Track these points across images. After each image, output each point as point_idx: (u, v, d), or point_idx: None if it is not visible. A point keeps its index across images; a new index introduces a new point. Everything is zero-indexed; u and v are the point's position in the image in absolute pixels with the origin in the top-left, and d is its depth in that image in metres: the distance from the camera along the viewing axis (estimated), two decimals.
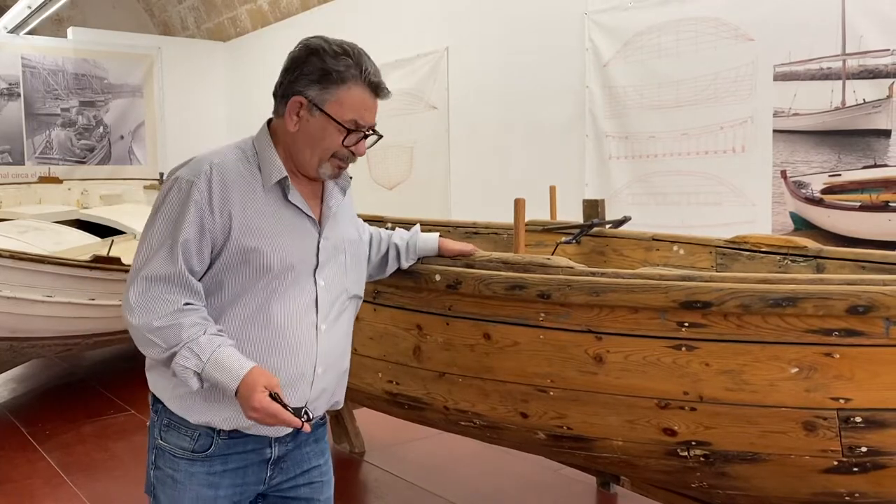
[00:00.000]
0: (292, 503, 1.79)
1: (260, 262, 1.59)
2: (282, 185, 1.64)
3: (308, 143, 1.64)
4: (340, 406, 1.87)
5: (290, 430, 1.68)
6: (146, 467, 1.72)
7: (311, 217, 1.68)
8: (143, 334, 1.55)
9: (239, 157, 1.64)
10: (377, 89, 1.65)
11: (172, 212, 1.57)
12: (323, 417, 1.83)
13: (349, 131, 1.63)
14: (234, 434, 1.65)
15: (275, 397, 1.51)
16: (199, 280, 1.60)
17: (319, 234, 1.69)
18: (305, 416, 1.55)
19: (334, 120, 1.61)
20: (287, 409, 1.51)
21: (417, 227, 2.24)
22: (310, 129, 1.63)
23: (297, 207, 1.66)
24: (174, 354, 1.53)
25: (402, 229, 2.23)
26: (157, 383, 1.68)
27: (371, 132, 1.69)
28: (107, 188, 8.37)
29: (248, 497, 1.73)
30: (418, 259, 2.22)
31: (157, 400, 1.68)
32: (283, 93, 1.64)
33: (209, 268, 1.60)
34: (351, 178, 1.79)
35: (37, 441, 4.31)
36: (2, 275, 4.23)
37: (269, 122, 1.71)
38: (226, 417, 1.61)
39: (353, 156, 1.68)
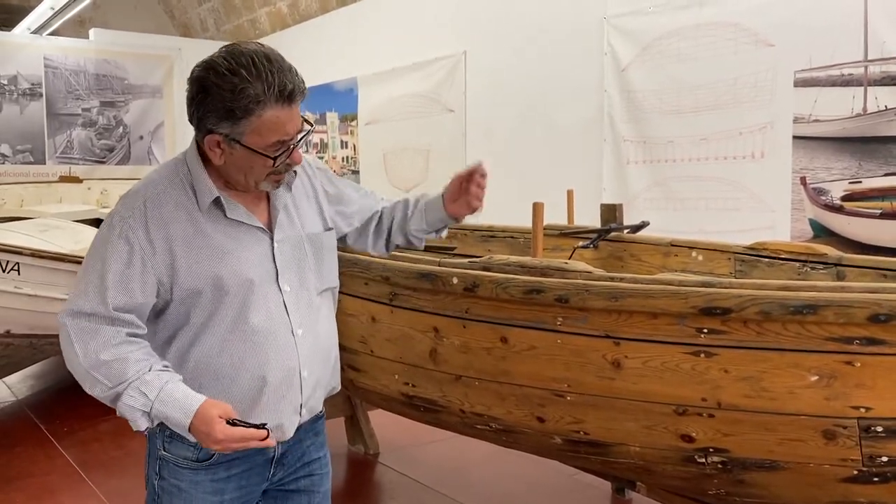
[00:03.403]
0: (292, 496, 1.78)
1: (217, 285, 1.57)
2: (217, 204, 1.60)
3: (240, 171, 1.58)
4: (338, 389, 1.86)
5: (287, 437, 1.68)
6: (146, 478, 1.71)
7: (257, 227, 1.64)
8: (85, 371, 1.52)
9: (173, 183, 1.60)
10: (290, 97, 1.52)
11: (107, 250, 1.55)
12: (321, 410, 1.82)
13: (276, 156, 1.55)
14: None
15: (233, 423, 1.50)
16: (160, 311, 1.59)
17: (272, 240, 1.65)
18: (268, 431, 1.54)
19: (257, 151, 1.53)
20: (250, 429, 1.51)
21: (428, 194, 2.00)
22: (236, 160, 1.56)
23: (240, 222, 1.62)
24: (119, 394, 1.50)
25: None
26: None
27: (300, 137, 1.58)
28: (126, 188, 8.40)
29: (255, 497, 1.73)
30: (432, 231, 1.99)
31: None
32: (196, 126, 1.57)
33: (170, 301, 1.58)
34: (296, 172, 1.70)
35: (55, 438, 4.35)
36: (22, 273, 4.28)
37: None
38: None
39: (290, 166, 1.61)
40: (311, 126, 1.63)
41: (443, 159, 7.00)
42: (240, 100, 1.48)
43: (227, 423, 1.49)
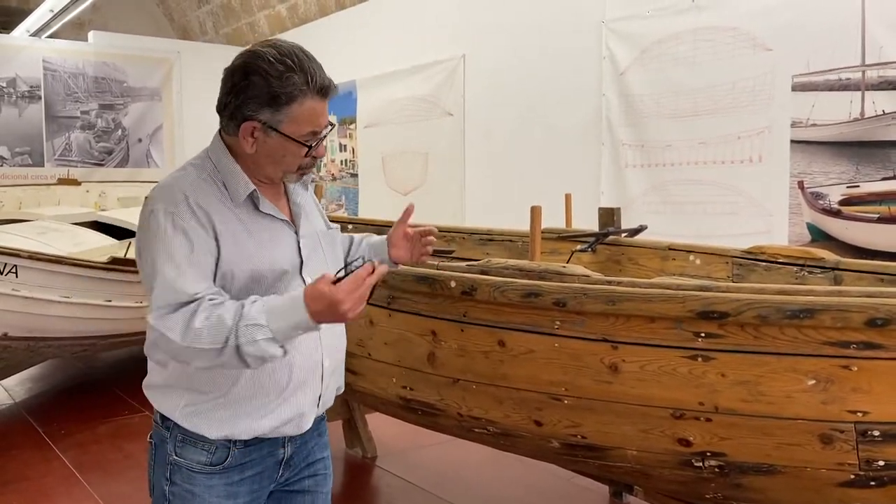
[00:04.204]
0: (296, 497, 1.81)
1: (253, 274, 1.60)
2: (252, 197, 1.65)
3: (270, 161, 1.64)
4: (343, 390, 1.89)
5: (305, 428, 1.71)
6: (150, 485, 1.71)
7: (284, 220, 1.70)
8: (185, 349, 1.48)
9: (203, 179, 1.63)
10: (326, 92, 1.62)
11: (168, 245, 1.54)
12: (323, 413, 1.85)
13: (310, 145, 1.63)
14: (251, 442, 1.66)
15: (341, 277, 1.45)
16: None
17: (297, 234, 1.72)
18: (355, 267, 1.49)
19: (293, 139, 1.60)
20: (356, 273, 1.46)
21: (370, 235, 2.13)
22: (268, 149, 1.62)
23: (271, 215, 1.68)
24: (234, 345, 1.46)
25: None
26: (163, 403, 1.66)
27: (325, 133, 1.66)
28: (124, 190, 8.45)
29: (263, 499, 1.75)
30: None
31: (166, 417, 1.66)
32: (230, 115, 1.62)
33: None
34: (313, 174, 1.80)
35: (52, 440, 4.35)
36: (20, 275, 4.27)
37: (221, 133, 1.68)
38: (244, 428, 1.62)
39: (315, 159, 1.68)
40: (333, 125, 1.71)
41: (441, 162, 7.00)
42: (286, 86, 1.56)
43: (336, 281, 1.46)
